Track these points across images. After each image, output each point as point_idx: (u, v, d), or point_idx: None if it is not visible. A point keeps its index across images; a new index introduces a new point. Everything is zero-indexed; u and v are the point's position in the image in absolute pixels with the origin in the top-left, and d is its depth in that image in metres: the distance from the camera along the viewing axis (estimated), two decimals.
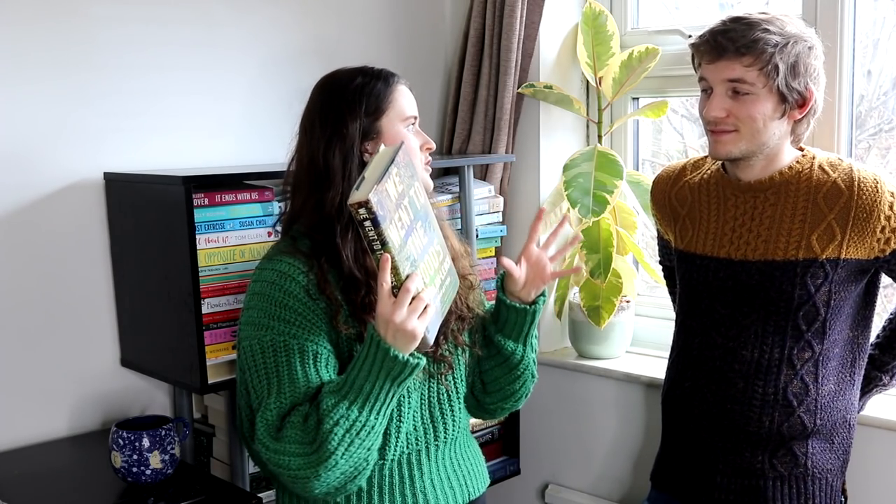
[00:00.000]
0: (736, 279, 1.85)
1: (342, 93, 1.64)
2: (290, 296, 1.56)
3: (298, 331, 1.55)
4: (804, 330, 1.81)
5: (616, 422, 2.55)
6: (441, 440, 1.71)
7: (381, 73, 1.68)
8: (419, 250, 1.48)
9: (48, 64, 2.06)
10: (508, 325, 1.75)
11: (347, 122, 1.62)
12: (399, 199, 1.45)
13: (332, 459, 1.47)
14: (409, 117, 1.67)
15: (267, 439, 1.52)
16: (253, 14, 2.39)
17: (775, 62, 1.71)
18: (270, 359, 1.55)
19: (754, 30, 1.72)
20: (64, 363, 2.15)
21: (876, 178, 1.77)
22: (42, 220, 2.09)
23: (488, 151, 2.62)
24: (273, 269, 1.60)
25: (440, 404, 1.70)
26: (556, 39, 2.64)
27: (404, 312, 1.42)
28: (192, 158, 2.30)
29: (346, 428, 1.47)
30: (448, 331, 1.69)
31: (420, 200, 1.52)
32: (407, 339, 1.45)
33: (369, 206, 1.36)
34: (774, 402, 1.82)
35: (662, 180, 2.05)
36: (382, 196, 1.39)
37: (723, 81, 1.76)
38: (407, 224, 1.46)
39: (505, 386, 1.79)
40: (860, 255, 1.78)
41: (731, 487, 1.88)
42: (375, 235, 1.39)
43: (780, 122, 1.77)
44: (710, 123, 1.80)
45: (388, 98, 1.65)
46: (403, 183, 1.47)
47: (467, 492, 1.76)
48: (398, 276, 1.42)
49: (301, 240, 1.64)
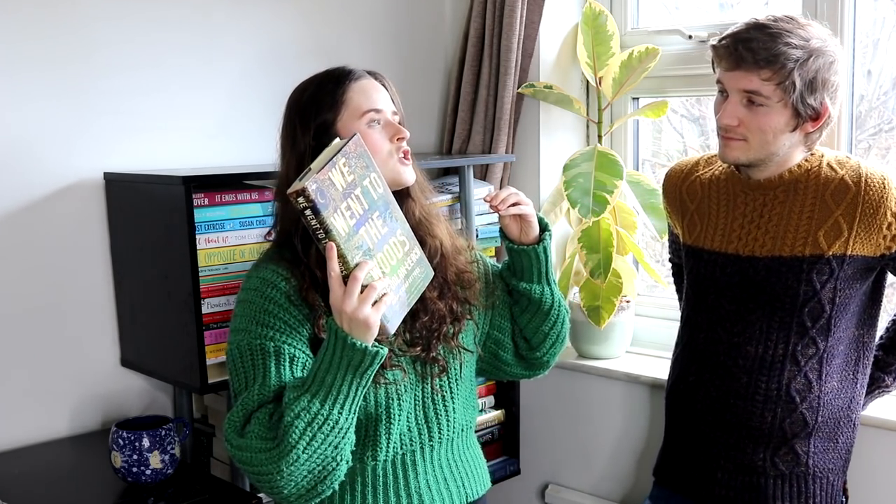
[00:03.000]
0: (743, 275, 1.85)
1: (295, 106, 1.66)
2: (271, 301, 1.57)
3: (276, 334, 1.56)
4: (809, 327, 1.81)
5: (616, 422, 2.55)
6: (436, 441, 1.70)
7: (334, 74, 1.66)
8: (375, 240, 1.47)
9: (48, 64, 2.06)
10: (526, 271, 1.79)
11: (298, 135, 1.63)
12: (348, 188, 1.44)
13: (294, 453, 1.44)
14: (367, 112, 1.63)
15: (231, 436, 1.51)
16: (253, 14, 2.39)
17: (793, 79, 1.70)
18: (248, 361, 1.56)
19: (777, 42, 1.70)
20: (64, 363, 2.15)
21: (884, 176, 1.78)
22: (42, 220, 2.09)
23: (488, 151, 2.62)
24: (257, 276, 1.61)
25: (434, 405, 1.69)
26: (556, 39, 2.64)
27: (355, 301, 1.41)
28: (192, 158, 2.30)
29: (308, 421, 1.44)
30: (442, 334, 1.69)
31: (378, 191, 1.51)
32: (361, 328, 1.42)
33: (306, 193, 1.36)
34: (777, 397, 1.82)
35: (675, 174, 2.05)
36: (324, 185, 1.39)
37: (739, 90, 1.75)
38: (359, 213, 1.45)
39: (548, 331, 1.83)
40: (866, 251, 1.78)
41: (732, 484, 1.88)
42: (318, 224, 1.39)
43: (791, 134, 1.77)
44: (721, 129, 1.81)
45: (339, 97, 1.63)
46: (354, 173, 1.46)
47: (465, 493, 1.75)
48: (346, 264, 1.41)
49: (286, 247, 1.65)
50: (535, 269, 1.78)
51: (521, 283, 1.79)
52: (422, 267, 1.59)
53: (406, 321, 1.62)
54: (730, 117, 1.77)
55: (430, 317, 1.67)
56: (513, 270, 1.81)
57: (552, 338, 1.84)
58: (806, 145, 1.82)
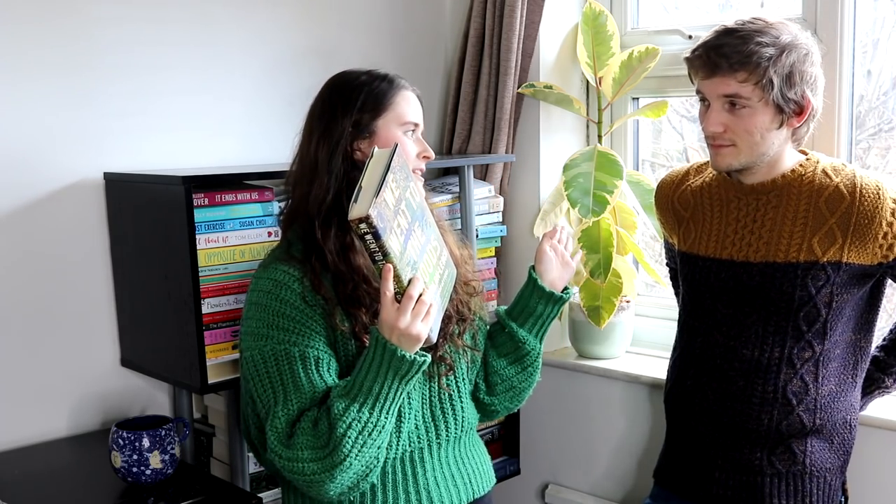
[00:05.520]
0: (737, 280, 1.85)
1: (342, 89, 1.66)
2: (286, 304, 1.58)
3: (298, 338, 1.57)
4: (805, 330, 1.81)
5: (616, 422, 2.55)
6: (444, 439, 1.71)
7: (388, 76, 1.69)
8: (418, 251, 1.49)
9: (48, 64, 2.06)
10: (532, 314, 1.81)
11: (339, 118, 1.62)
12: (397, 204, 1.45)
13: (347, 461, 1.50)
14: (409, 122, 1.67)
15: (279, 448, 1.54)
16: (253, 14, 2.39)
17: (769, 76, 1.71)
18: (273, 368, 1.57)
19: (748, 43, 1.71)
20: (64, 363, 2.15)
21: (878, 185, 1.77)
22: (42, 220, 2.09)
23: (488, 151, 2.62)
24: (268, 277, 1.62)
25: (441, 404, 1.71)
26: (556, 39, 2.64)
27: (408, 318, 1.46)
28: (192, 158, 2.30)
29: (359, 430, 1.50)
30: (448, 333, 1.70)
31: (416, 199, 1.53)
32: (412, 341, 1.48)
33: (370, 220, 1.36)
34: (773, 400, 1.83)
35: (666, 185, 2.06)
36: (381, 208, 1.39)
37: (719, 96, 1.76)
38: (405, 228, 1.47)
39: (515, 382, 1.84)
40: (863, 260, 1.78)
41: (730, 483, 1.88)
42: (377, 248, 1.40)
43: (778, 131, 1.78)
44: (709, 137, 1.81)
45: (388, 99, 1.65)
46: (400, 187, 1.47)
47: (471, 490, 1.77)
48: (400, 283, 1.44)
49: (295, 244, 1.65)
50: (541, 316, 1.82)
51: (515, 322, 1.82)
52: (450, 268, 1.62)
53: None
54: (714, 124, 1.78)
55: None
56: (514, 312, 1.83)
57: (516, 390, 1.86)
58: (795, 141, 1.83)
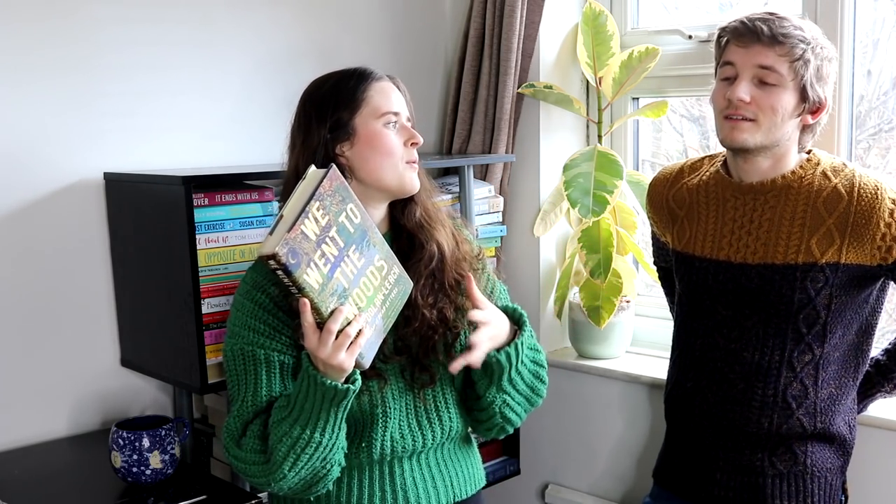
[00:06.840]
0: (736, 282, 1.84)
1: (314, 97, 1.64)
2: (259, 306, 1.59)
3: (266, 340, 1.58)
4: (804, 333, 1.80)
5: (616, 422, 2.55)
6: (429, 445, 1.69)
7: (357, 72, 1.65)
8: (351, 277, 1.45)
9: (49, 64, 2.06)
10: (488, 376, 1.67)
11: (314, 127, 1.61)
12: (322, 233, 1.41)
13: (281, 472, 1.52)
14: (386, 113, 1.62)
15: (230, 446, 1.58)
16: (252, 14, 2.39)
17: (806, 58, 1.73)
18: (240, 367, 1.59)
19: (788, 24, 1.74)
20: (64, 363, 2.15)
21: (877, 185, 1.76)
22: (42, 220, 2.09)
23: (488, 151, 2.62)
24: (249, 279, 1.63)
25: (427, 413, 1.68)
26: (556, 39, 2.64)
27: (329, 349, 1.43)
28: (192, 158, 2.30)
29: (290, 444, 1.50)
30: (432, 343, 1.65)
31: (355, 221, 1.47)
32: (336, 371, 1.46)
33: (277, 258, 1.34)
34: (773, 403, 1.82)
35: (659, 182, 2.05)
36: (295, 243, 1.36)
37: (752, 66, 1.75)
38: (333, 257, 1.43)
39: (477, 417, 1.74)
40: (861, 260, 1.77)
41: (731, 484, 1.88)
42: (290, 282, 1.38)
43: (795, 121, 1.78)
44: (730, 106, 1.77)
45: (360, 94, 1.62)
46: (329, 213, 1.42)
47: (453, 493, 1.74)
48: (321, 314, 1.42)
49: None
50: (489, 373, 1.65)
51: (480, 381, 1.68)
52: (400, 285, 1.56)
53: (396, 327, 1.61)
54: (742, 91, 1.75)
55: (420, 323, 1.63)
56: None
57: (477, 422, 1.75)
58: (801, 143, 1.82)
